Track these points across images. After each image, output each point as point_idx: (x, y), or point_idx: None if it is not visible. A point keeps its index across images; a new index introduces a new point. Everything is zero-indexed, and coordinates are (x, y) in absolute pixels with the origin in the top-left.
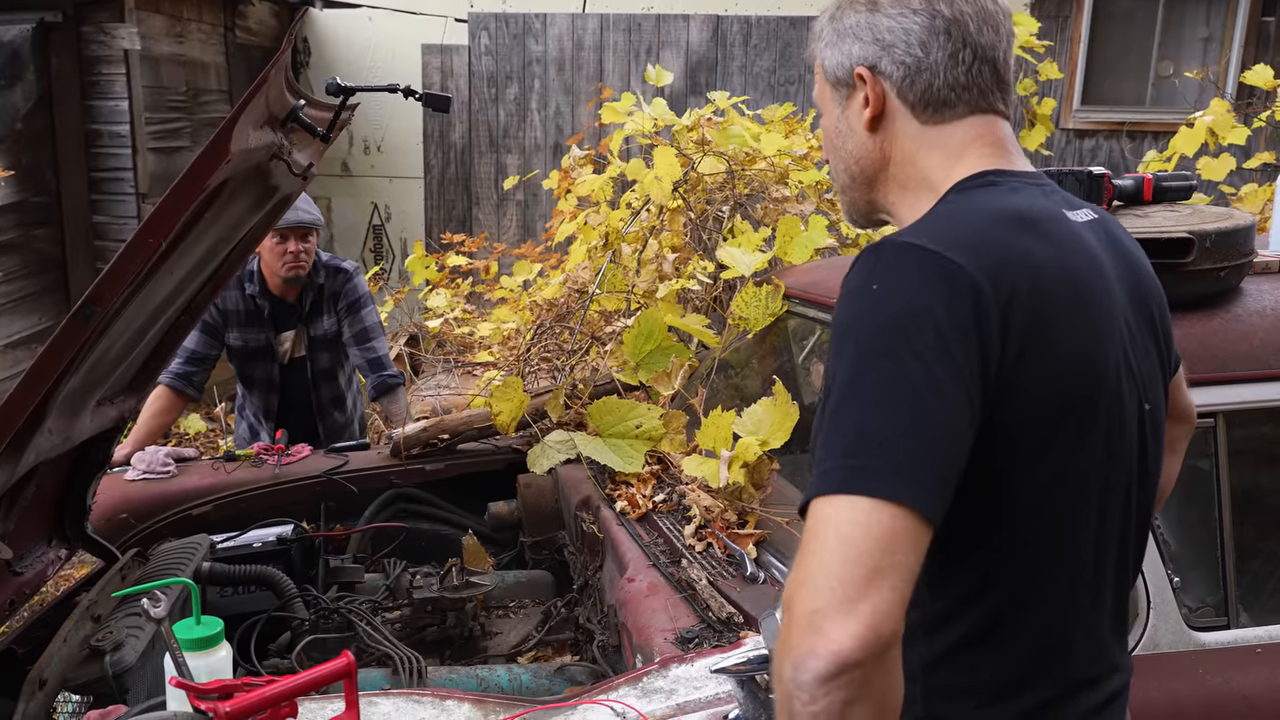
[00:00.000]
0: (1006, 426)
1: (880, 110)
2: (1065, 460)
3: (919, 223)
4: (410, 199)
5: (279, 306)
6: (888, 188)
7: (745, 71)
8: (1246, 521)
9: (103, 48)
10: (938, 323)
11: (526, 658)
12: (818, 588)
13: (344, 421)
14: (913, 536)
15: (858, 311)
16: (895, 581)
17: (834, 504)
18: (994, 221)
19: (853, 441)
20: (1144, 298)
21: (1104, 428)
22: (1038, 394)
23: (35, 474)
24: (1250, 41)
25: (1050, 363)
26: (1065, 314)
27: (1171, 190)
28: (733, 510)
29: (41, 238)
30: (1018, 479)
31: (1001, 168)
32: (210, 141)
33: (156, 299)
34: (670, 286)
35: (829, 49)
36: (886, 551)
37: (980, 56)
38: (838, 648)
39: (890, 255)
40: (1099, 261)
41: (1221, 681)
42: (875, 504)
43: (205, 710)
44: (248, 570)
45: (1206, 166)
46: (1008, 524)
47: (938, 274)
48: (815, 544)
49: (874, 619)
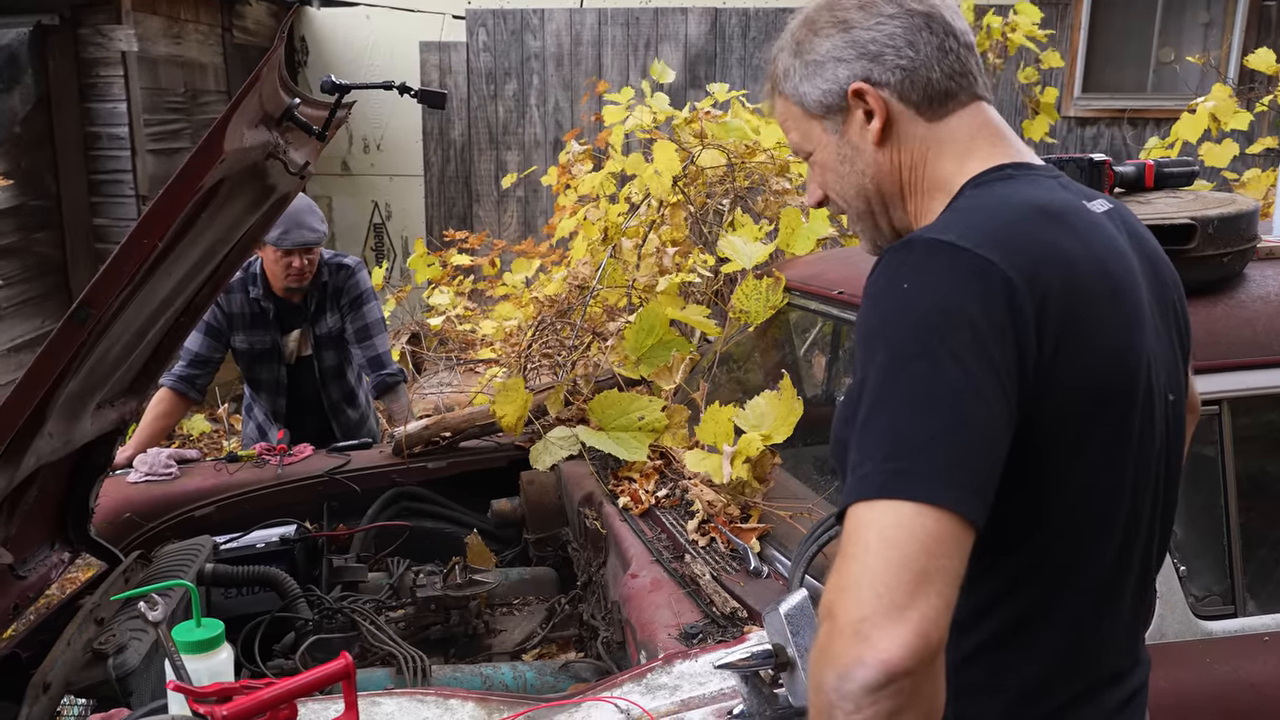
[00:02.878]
0: (1044, 424)
1: (886, 120)
2: (1101, 455)
3: (943, 219)
4: (411, 197)
5: (284, 308)
6: (906, 203)
7: (744, 64)
8: (1253, 509)
9: (100, 50)
10: (973, 321)
11: (531, 655)
12: (863, 595)
13: (358, 418)
14: (957, 540)
15: (887, 312)
16: (942, 587)
17: (875, 509)
18: (1020, 215)
19: (891, 445)
20: (1163, 286)
21: (1137, 421)
22: (1074, 389)
23: (37, 477)
24: (1251, 26)
25: (1085, 358)
26: (1098, 308)
27: (1173, 176)
28: (736, 505)
29: (42, 241)
30: (1055, 476)
31: (1014, 160)
32: (203, 141)
33: (155, 300)
34: (671, 280)
35: (805, 84)
36: (933, 556)
37: (963, 42)
38: (887, 656)
39: (920, 253)
40: (1124, 253)
41: (1229, 670)
42: (919, 508)
43: (204, 714)
44: (251, 571)
45: (1209, 152)
46: (1045, 521)
47: (971, 271)
48: (857, 549)
49: (923, 626)
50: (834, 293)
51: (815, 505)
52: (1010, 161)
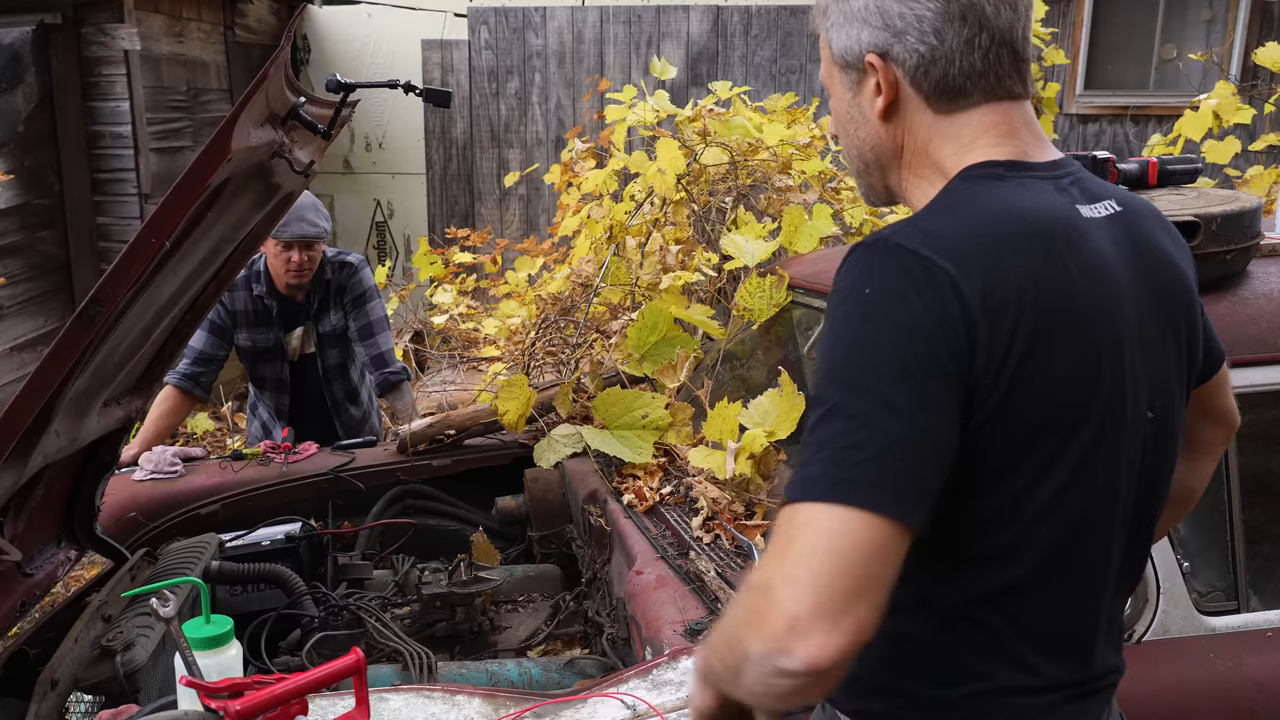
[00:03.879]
0: (994, 440)
1: (893, 99)
2: (1053, 475)
3: (917, 218)
4: (413, 195)
5: (287, 306)
6: (901, 174)
7: (746, 62)
8: (1256, 505)
9: (103, 49)
10: (929, 334)
11: (536, 652)
12: (802, 594)
13: (360, 416)
14: (896, 549)
15: (848, 316)
16: (875, 595)
17: (822, 510)
18: (993, 224)
19: (842, 450)
20: (1166, 298)
21: (1096, 442)
22: (1026, 408)
23: (43, 476)
24: (1254, 23)
25: (1040, 378)
26: (1057, 327)
27: (1177, 174)
28: (740, 502)
29: (45, 240)
30: (1004, 494)
31: (1013, 158)
32: (211, 140)
33: (161, 299)
34: (674, 279)
35: (836, 30)
36: (870, 565)
37: (998, 40)
38: (814, 656)
39: (882, 258)
40: (1104, 267)
41: (1232, 666)
42: (865, 517)
43: (216, 709)
44: (256, 568)
45: (1212, 149)
46: (999, 535)
47: (930, 283)
48: (799, 547)
49: (855, 635)
50: None
51: None
52: (1004, 159)
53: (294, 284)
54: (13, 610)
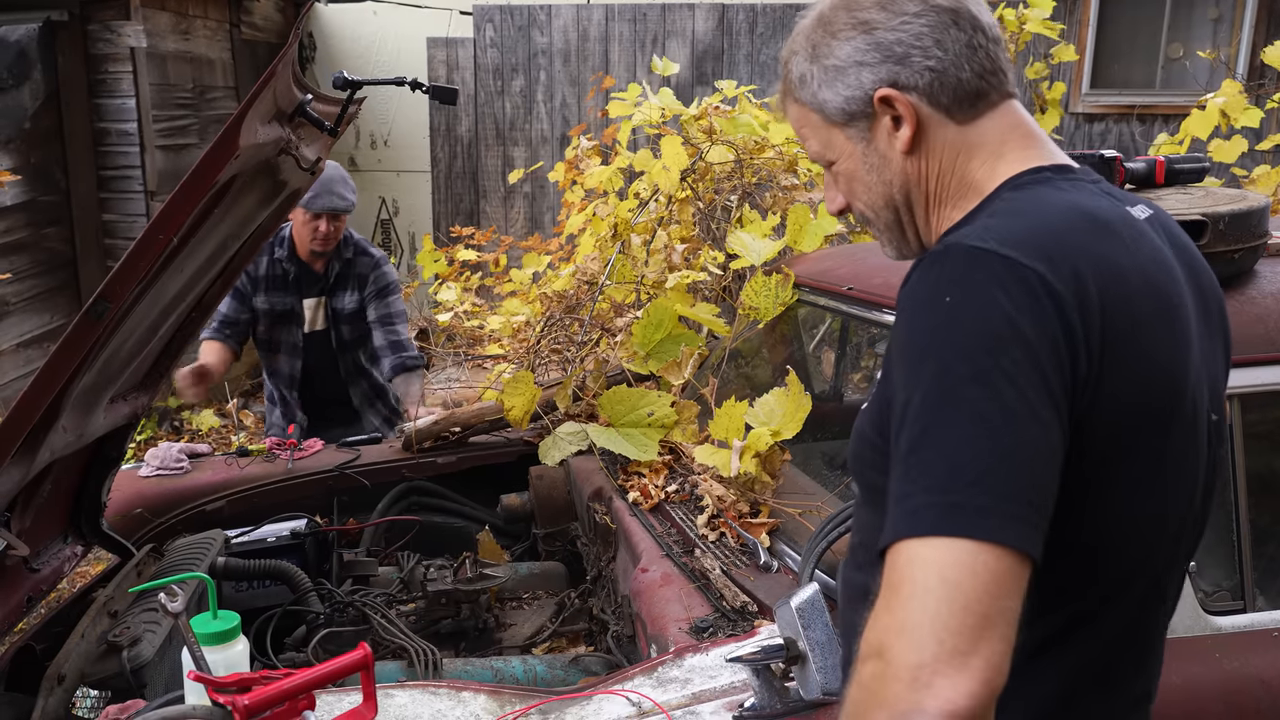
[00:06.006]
0: (1092, 441)
1: (916, 125)
2: (1145, 474)
3: (981, 224)
4: (417, 193)
5: (305, 273)
6: (931, 209)
7: (752, 60)
8: (1262, 505)
9: (109, 46)
10: (1024, 338)
11: (541, 649)
12: (923, 640)
13: (375, 390)
14: (1018, 578)
15: (933, 327)
16: (1004, 630)
17: (931, 546)
18: (1066, 222)
19: (944, 475)
20: (1206, 297)
21: (1180, 441)
22: (1122, 406)
23: (50, 471)
24: (1261, 21)
25: (1134, 374)
26: (1147, 324)
27: (1184, 173)
28: (745, 500)
29: (52, 237)
30: (1099, 495)
31: (1051, 163)
32: (218, 137)
33: (168, 295)
34: (680, 277)
35: (825, 90)
36: (995, 598)
37: (991, 36)
38: (951, 706)
39: (961, 263)
40: (1170, 265)
41: (1238, 666)
42: (978, 546)
43: (224, 704)
44: (262, 565)
45: (1218, 149)
46: (1085, 542)
47: (1018, 283)
48: (912, 588)
49: (988, 674)
50: (843, 288)
51: (825, 501)
52: (1049, 164)
53: (318, 251)
54: (19, 605)
